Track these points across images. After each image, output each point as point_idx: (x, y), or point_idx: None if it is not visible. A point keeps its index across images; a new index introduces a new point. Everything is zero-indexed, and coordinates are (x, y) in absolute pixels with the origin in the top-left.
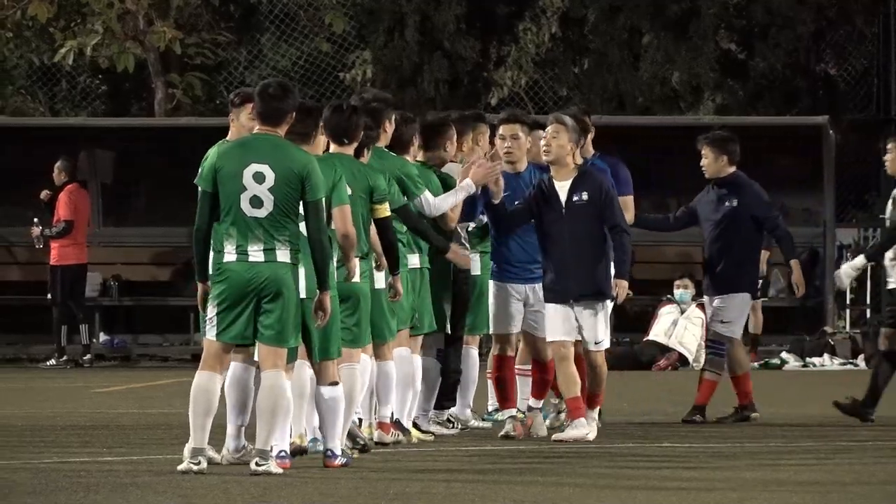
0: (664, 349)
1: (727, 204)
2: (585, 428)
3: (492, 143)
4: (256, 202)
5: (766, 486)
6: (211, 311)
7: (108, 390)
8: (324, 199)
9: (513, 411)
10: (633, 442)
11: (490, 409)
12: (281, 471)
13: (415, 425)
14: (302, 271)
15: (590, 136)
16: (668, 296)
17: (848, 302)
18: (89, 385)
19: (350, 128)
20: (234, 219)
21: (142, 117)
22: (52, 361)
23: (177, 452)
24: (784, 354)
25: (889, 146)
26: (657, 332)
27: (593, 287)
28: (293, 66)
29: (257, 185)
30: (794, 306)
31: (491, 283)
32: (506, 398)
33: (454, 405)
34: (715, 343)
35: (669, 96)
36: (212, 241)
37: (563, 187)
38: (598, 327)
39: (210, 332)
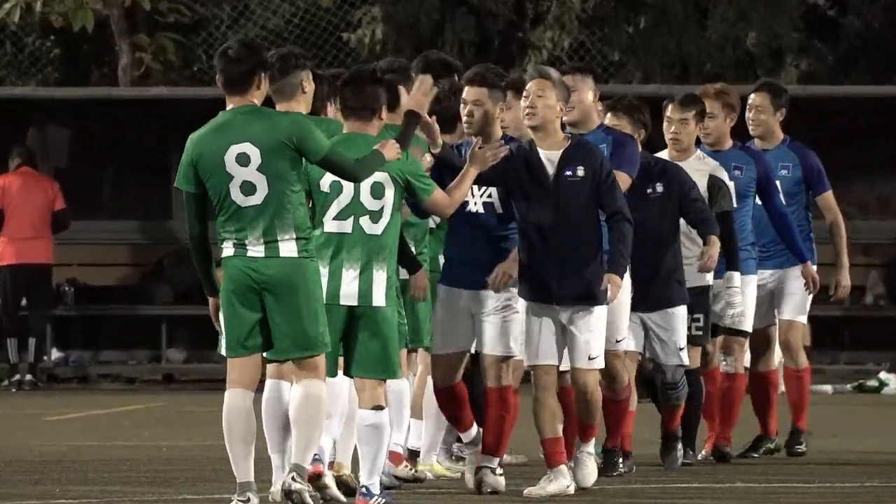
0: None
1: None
2: (566, 479)
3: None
4: (248, 188)
5: None
6: (221, 320)
7: (63, 418)
8: (331, 148)
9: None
10: (699, 482)
11: None
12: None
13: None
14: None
15: (595, 103)
16: None
17: None
18: (40, 412)
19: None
20: (229, 212)
21: (104, 87)
22: (6, 382)
23: (145, 494)
24: (883, 375)
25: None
26: None
27: (585, 289)
28: (287, 26)
29: (243, 168)
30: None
31: (440, 287)
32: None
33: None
34: (678, 384)
35: (743, 61)
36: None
37: (550, 158)
38: (592, 339)
39: (221, 346)
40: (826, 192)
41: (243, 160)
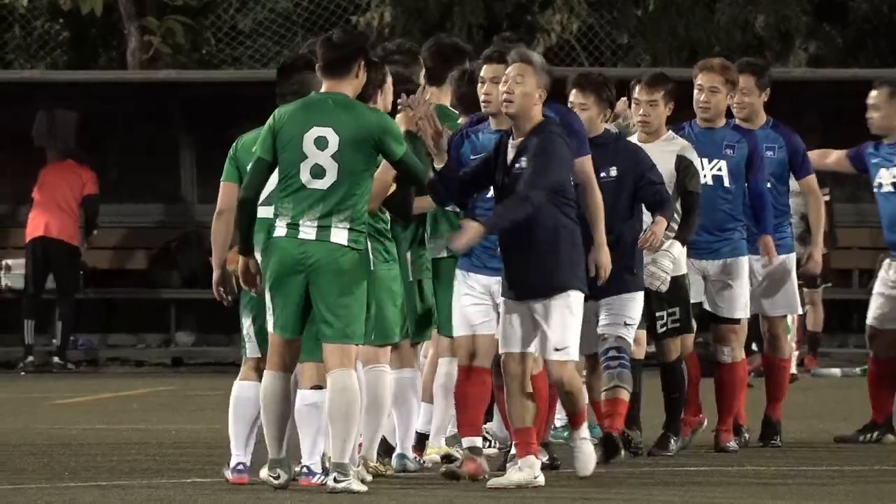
0: (747, 351)
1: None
2: (534, 470)
3: None
4: (318, 171)
5: None
6: (267, 298)
7: (72, 401)
8: (407, 153)
9: (476, 440)
10: (708, 465)
11: (557, 423)
12: (364, 489)
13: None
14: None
15: None
16: None
17: None
18: (48, 395)
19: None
20: (291, 190)
21: (112, 70)
22: (20, 364)
23: (154, 477)
24: None
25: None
26: None
27: (548, 280)
28: (295, 9)
29: (319, 151)
30: None
31: (458, 272)
32: (468, 423)
33: (491, 420)
34: (622, 351)
35: (752, 45)
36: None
37: (514, 147)
38: (561, 329)
39: (269, 323)
40: (810, 175)
41: (321, 144)
